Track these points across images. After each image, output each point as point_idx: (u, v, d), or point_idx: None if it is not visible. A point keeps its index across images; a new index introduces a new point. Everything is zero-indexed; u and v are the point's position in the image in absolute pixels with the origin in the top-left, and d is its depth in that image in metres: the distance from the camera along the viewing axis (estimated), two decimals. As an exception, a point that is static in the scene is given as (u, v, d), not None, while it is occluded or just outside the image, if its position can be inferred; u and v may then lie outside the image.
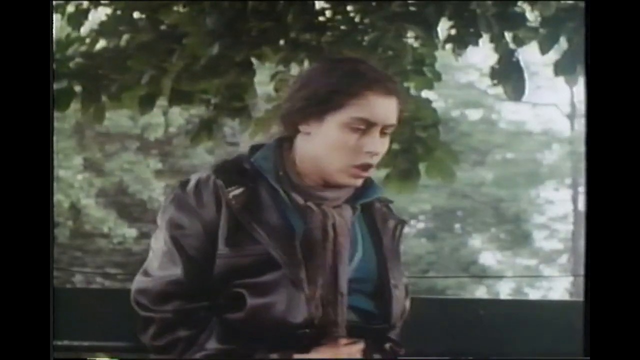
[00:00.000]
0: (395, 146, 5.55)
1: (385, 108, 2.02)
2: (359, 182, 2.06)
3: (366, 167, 2.03)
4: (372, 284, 2.07)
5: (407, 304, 2.18)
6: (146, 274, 2.04)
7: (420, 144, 5.55)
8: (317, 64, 2.14)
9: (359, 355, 2.02)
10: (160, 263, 2.02)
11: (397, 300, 2.08)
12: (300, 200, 2.02)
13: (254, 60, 5.34)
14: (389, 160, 5.56)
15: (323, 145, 2.02)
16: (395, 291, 2.08)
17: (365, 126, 2.00)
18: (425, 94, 5.74)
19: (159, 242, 2.04)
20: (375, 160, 2.04)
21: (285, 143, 2.09)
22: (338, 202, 2.06)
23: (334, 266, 1.99)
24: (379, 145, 2.03)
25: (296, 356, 1.96)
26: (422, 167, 5.60)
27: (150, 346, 2.01)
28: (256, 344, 1.96)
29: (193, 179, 2.04)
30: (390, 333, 2.14)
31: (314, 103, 2.01)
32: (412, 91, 5.60)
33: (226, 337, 1.97)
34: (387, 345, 2.12)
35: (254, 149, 2.12)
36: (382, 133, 2.04)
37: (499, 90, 5.39)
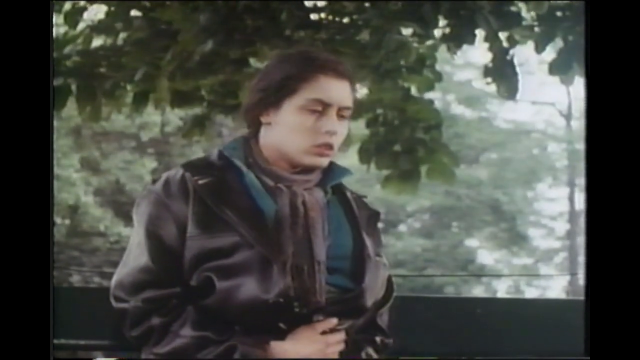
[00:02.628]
0: (397, 147, 5.56)
1: (338, 90, 2.09)
2: (324, 162, 2.10)
3: (327, 146, 2.08)
4: (349, 261, 2.09)
5: (386, 281, 2.18)
6: (121, 267, 2.09)
7: (421, 145, 5.55)
8: (272, 58, 2.21)
9: (338, 345, 2.03)
10: (133, 255, 2.07)
11: (370, 269, 2.09)
12: (270, 182, 2.07)
13: (250, 58, 5.34)
14: (390, 161, 5.58)
15: (284, 131, 2.08)
16: (369, 261, 2.09)
17: (322, 108, 2.07)
18: (426, 95, 5.75)
19: (133, 236, 2.10)
20: (334, 140, 2.09)
21: (252, 138, 2.15)
22: (308, 184, 2.10)
23: (307, 238, 2.03)
24: (337, 125, 2.08)
25: (272, 343, 1.98)
26: (422, 168, 5.60)
27: (129, 338, 2.05)
28: (231, 328, 1.98)
29: (164, 176, 2.10)
30: (378, 320, 2.16)
31: (271, 92, 2.08)
32: (414, 92, 5.60)
33: (200, 323, 1.99)
34: (378, 339, 2.14)
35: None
36: (340, 116, 2.10)
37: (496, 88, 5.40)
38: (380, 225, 2.24)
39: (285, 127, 2.08)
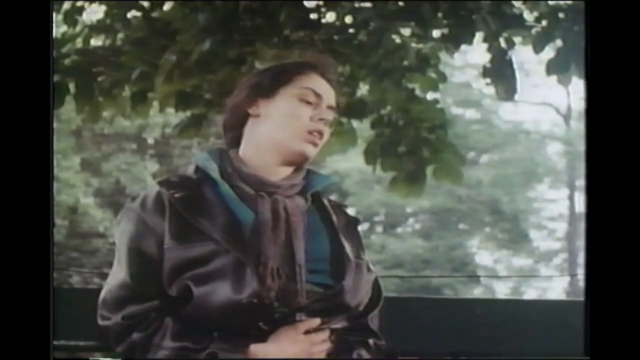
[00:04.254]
0: (402, 148, 5.55)
1: (326, 87, 2.18)
2: (312, 151, 2.14)
3: (319, 133, 2.14)
4: (328, 262, 2.10)
5: (373, 284, 2.19)
6: (105, 285, 2.10)
7: (426, 145, 5.54)
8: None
9: (323, 344, 2.04)
10: (113, 272, 2.09)
11: (350, 269, 2.09)
12: (250, 191, 2.08)
13: (249, 58, 5.34)
14: (395, 163, 5.56)
15: (278, 117, 2.13)
16: (349, 261, 2.10)
17: (314, 99, 2.14)
18: (430, 95, 5.74)
19: (115, 254, 2.11)
20: (325, 129, 2.15)
21: (232, 148, 2.18)
22: (293, 190, 2.12)
23: (288, 241, 2.04)
24: (329, 115, 2.16)
25: (253, 346, 1.98)
26: (428, 169, 5.58)
27: (116, 354, 2.06)
28: (209, 335, 1.98)
29: (142, 194, 2.12)
30: (370, 323, 2.17)
31: (264, 84, 2.15)
32: (418, 92, 5.60)
33: (179, 333, 1.99)
34: (371, 341, 2.14)
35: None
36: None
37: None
38: (380, 226, 2.26)
39: (280, 112, 2.13)
